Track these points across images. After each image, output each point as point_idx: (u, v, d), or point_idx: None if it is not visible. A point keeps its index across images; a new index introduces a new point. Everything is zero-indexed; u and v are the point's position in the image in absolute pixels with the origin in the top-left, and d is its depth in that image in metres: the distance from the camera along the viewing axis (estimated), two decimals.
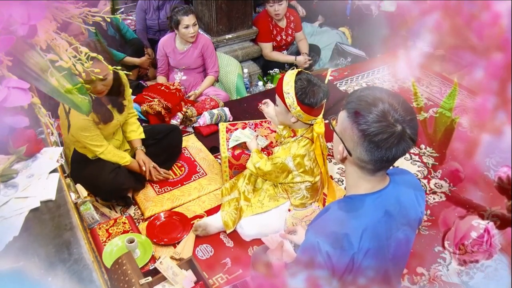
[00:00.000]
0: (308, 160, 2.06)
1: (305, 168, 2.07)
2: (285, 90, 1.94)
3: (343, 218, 1.18)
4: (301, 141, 2.05)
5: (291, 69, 3.84)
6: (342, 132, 1.14)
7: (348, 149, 1.12)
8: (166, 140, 2.68)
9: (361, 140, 1.08)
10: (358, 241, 1.13)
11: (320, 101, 1.93)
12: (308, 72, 2.03)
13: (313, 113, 1.95)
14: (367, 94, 1.10)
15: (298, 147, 2.04)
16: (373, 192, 1.17)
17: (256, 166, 2.14)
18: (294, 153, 2.03)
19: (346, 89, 3.63)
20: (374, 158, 1.09)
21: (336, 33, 4.23)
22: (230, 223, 2.26)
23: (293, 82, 1.93)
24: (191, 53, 3.39)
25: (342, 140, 1.14)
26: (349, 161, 1.17)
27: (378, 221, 1.16)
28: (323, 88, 1.94)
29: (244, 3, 3.63)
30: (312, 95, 1.91)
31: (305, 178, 2.09)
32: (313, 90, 1.92)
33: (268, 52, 3.82)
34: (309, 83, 1.93)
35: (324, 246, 1.13)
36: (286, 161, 2.05)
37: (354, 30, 4.28)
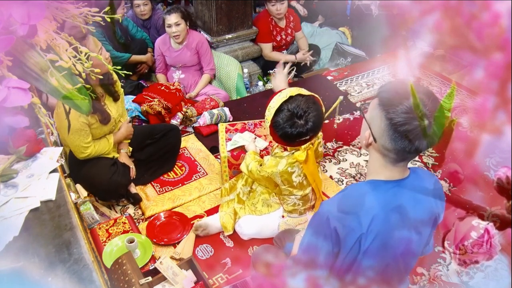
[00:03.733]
0: (297, 176, 1.99)
1: (292, 184, 2.02)
2: (266, 113, 1.82)
3: (357, 198, 1.21)
4: (290, 157, 1.95)
5: (292, 69, 3.85)
6: (371, 119, 1.17)
7: (374, 136, 1.16)
8: (165, 140, 2.68)
9: (387, 128, 1.11)
10: (367, 223, 1.15)
11: (298, 137, 1.79)
12: (306, 93, 1.83)
13: (291, 145, 1.86)
14: (400, 86, 1.13)
15: (286, 163, 1.94)
16: (392, 180, 1.20)
17: (249, 169, 2.10)
18: (280, 170, 1.95)
19: (346, 89, 3.63)
20: (397, 147, 1.12)
21: (336, 33, 4.23)
22: (228, 225, 2.25)
23: (275, 108, 1.78)
24: (186, 51, 3.41)
25: (370, 126, 1.17)
26: (373, 147, 1.20)
27: (391, 210, 1.18)
28: (309, 126, 1.77)
29: (244, 3, 3.63)
30: (290, 130, 1.77)
31: (293, 192, 2.06)
32: (293, 126, 1.77)
33: (268, 52, 3.82)
34: (291, 117, 1.76)
35: (333, 222, 1.17)
36: (273, 175, 1.98)
37: (354, 30, 4.28)
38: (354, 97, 3.51)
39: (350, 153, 2.91)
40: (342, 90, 3.59)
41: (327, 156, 2.88)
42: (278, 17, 3.72)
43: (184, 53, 3.41)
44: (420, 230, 1.24)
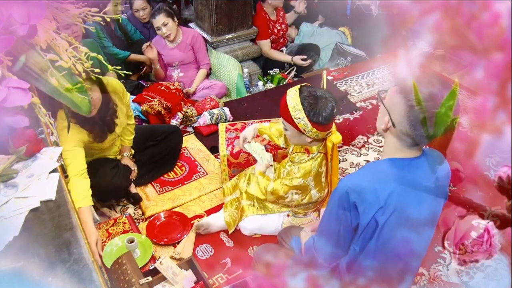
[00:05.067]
0: (324, 176, 2.02)
1: (321, 185, 2.03)
2: (295, 116, 1.81)
3: (375, 174, 1.29)
4: (318, 158, 1.96)
5: (292, 69, 3.84)
6: (390, 105, 1.25)
7: (394, 122, 1.23)
8: (166, 142, 2.67)
9: (407, 114, 1.19)
10: (385, 197, 1.23)
11: (332, 112, 1.83)
12: (308, 84, 1.90)
13: (328, 127, 1.87)
14: (419, 75, 1.20)
15: (317, 164, 1.96)
16: (406, 158, 1.28)
17: (269, 190, 2.03)
18: (315, 172, 1.96)
19: (346, 88, 3.63)
20: (415, 133, 1.20)
21: (336, 33, 4.23)
22: (232, 223, 2.26)
23: (300, 104, 1.80)
24: (181, 47, 3.43)
25: (389, 112, 1.24)
26: (391, 132, 1.28)
27: (407, 185, 1.27)
28: (329, 98, 1.83)
29: (244, 3, 3.63)
30: (324, 111, 1.80)
31: (317, 195, 2.04)
32: (323, 105, 1.80)
33: (267, 49, 3.84)
34: (316, 100, 1.81)
35: (352, 196, 1.24)
36: (307, 181, 1.97)
37: (354, 30, 4.28)
38: (354, 97, 3.51)
39: (350, 153, 2.91)
40: (342, 90, 3.59)
41: None
42: (278, 4, 3.83)
43: (180, 50, 3.43)
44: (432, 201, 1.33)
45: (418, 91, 1.15)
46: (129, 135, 2.50)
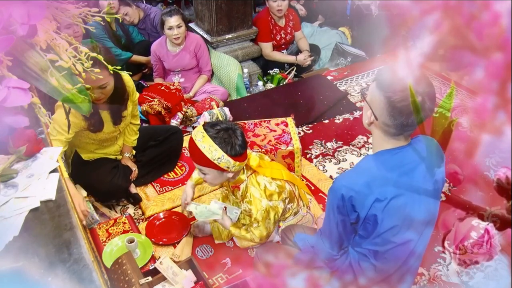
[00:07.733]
0: (272, 183, 1.97)
1: (279, 190, 1.99)
2: (213, 158, 1.77)
3: (366, 168, 1.38)
4: (253, 179, 1.95)
5: (292, 69, 3.84)
6: (371, 100, 1.34)
7: (375, 115, 1.32)
8: (167, 142, 2.67)
9: (386, 106, 1.28)
10: (379, 187, 1.31)
11: (244, 138, 1.82)
12: (206, 121, 1.90)
13: (246, 154, 1.86)
14: (394, 69, 1.31)
15: (259, 185, 1.94)
16: (393, 148, 1.36)
17: (258, 238, 1.98)
18: (266, 194, 1.94)
19: (346, 89, 3.63)
20: (396, 122, 1.28)
21: (336, 33, 4.23)
22: (219, 237, 2.22)
23: (214, 144, 1.77)
24: (184, 54, 3.38)
25: (371, 107, 1.34)
26: (375, 125, 1.36)
27: (400, 171, 1.34)
28: (233, 126, 1.82)
29: (244, 3, 3.63)
30: (237, 140, 1.79)
31: (283, 195, 2.00)
32: (234, 135, 1.79)
33: (268, 52, 3.82)
34: (226, 133, 1.79)
35: (348, 193, 1.32)
36: (264, 205, 1.93)
37: (354, 30, 4.28)
38: (354, 97, 3.51)
39: (350, 153, 2.91)
40: (342, 90, 3.59)
41: (327, 156, 2.88)
42: (279, 14, 3.71)
43: (183, 56, 3.39)
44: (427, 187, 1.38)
45: (393, 83, 1.24)
46: (133, 135, 2.50)
